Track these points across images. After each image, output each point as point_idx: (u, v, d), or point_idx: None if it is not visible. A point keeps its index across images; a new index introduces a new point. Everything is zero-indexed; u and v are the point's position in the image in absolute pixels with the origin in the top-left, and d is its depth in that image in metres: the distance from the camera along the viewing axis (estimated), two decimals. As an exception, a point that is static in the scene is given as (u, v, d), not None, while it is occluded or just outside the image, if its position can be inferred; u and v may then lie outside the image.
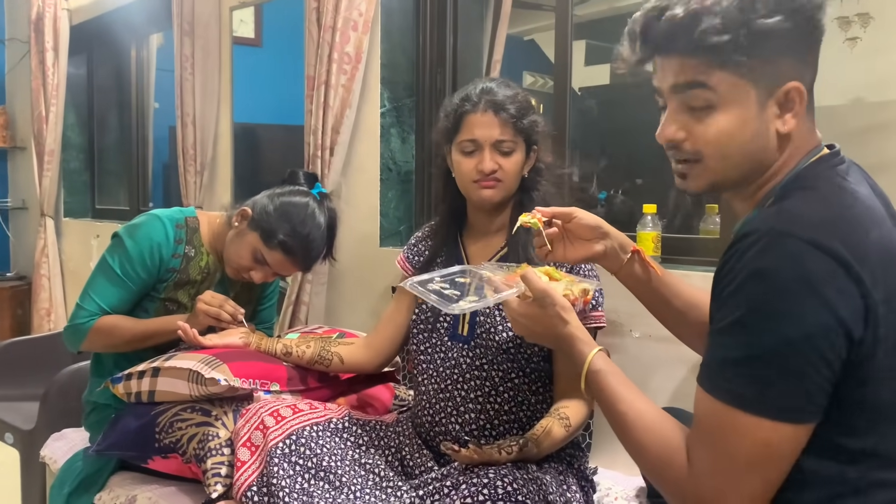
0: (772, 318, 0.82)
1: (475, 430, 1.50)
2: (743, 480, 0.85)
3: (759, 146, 0.94)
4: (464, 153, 1.53)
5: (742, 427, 0.84)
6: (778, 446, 0.84)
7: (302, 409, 1.55)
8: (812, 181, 0.92)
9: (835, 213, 0.87)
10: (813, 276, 0.81)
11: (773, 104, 0.93)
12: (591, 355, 1.05)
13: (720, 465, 0.86)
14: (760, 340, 0.83)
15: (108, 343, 1.82)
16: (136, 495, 1.67)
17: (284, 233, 1.75)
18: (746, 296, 0.84)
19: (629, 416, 0.97)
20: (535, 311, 1.11)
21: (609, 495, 1.65)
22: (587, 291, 1.18)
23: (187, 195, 3.21)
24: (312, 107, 2.47)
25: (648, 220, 1.83)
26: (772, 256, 0.83)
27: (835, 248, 0.82)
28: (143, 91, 4.12)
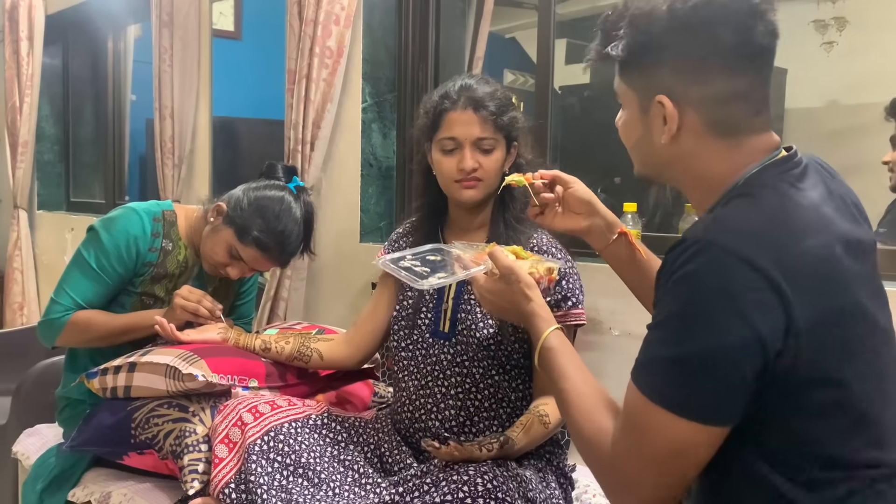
0: (692, 324, 0.85)
1: (455, 426, 1.50)
2: (655, 471, 0.89)
3: (647, 152, 1.02)
4: (444, 151, 1.51)
5: (658, 422, 0.87)
6: (689, 444, 0.87)
7: (280, 405, 1.54)
8: (755, 188, 0.92)
9: (767, 222, 0.88)
10: (733, 287, 0.83)
11: (656, 115, 0.97)
12: (546, 332, 1.09)
13: (636, 454, 0.90)
14: (680, 344, 0.86)
15: (84, 338, 1.79)
16: (111, 492, 1.65)
17: (258, 228, 1.72)
18: (673, 300, 0.87)
19: (570, 395, 1.02)
20: (501, 287, 1.16)
21: (587, 492, 1.66)
22: (552, 270, 1.22)
23: (165, 188, 3.17)
24: (293, 101, 2.45)
25: (629, 218, 1.84)
26: (697, 265, 0.85)
27: (758, 260, 0.83)
28: (119, 83, 4.07)
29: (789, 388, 0.86)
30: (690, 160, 0.98)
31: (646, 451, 0.89)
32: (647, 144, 1.00)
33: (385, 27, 2.50)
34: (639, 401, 0.89)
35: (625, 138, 1.05)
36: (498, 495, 1.20)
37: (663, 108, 0.95)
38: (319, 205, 2.53)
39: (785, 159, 0.95)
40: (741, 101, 0.95)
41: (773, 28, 0.94)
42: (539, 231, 1.57)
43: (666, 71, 0.95)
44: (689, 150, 0.97)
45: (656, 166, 1.03)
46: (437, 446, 1.32)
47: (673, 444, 0.87)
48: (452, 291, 1.56)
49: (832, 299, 0.87)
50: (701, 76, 0.94)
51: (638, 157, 1.05)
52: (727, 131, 0.95)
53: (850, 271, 0.89)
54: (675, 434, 0.86)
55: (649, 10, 0.95)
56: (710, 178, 0.97)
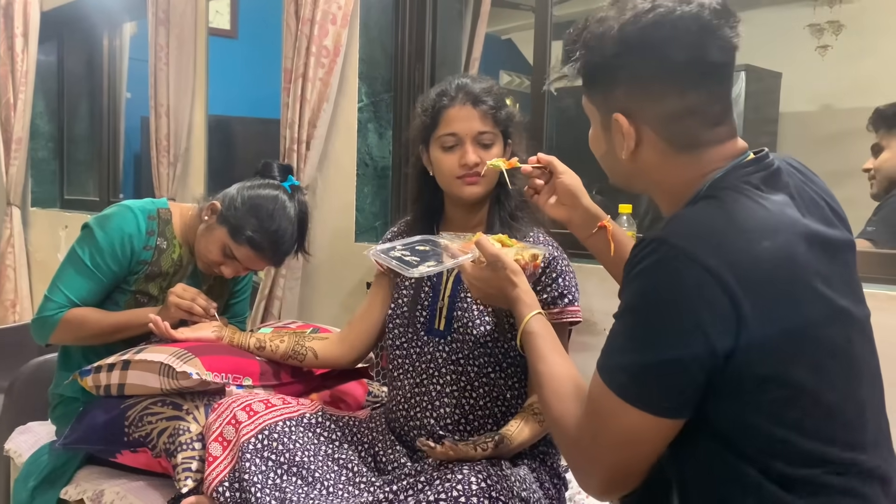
0: (644, 322, 0.89)
1: (450, 424, 1.50)
2: (612, 455, 0.93)
3: (612, 165, 1.06)
4: (444, 148, 1.52)
5: (615, 410, 0.90)
6: (642, 433, 0.90)
7: (275, 404, 1.54)
8: (718, 191, 0.94)
9: (723, 224, 0.90)
10: (683, 287, 0.85)
11: (616, 131, 1.00)
12: (528, 317, 1.15)
13: (595, 438, 0.94)
14: (634, 340, 0.90)
15: (77, 336, 1.79)
16: (104, 489, 1.65)
17: (252, 228, 1.71)
18: (629, 295, 0.91)
19: (545, 377, 1.07)
20: (488, 274, 1.22)
21: (581, 493, 1.66)
22: (536, 256, 1.27)
23: (160, 186, 3.17)
24: (289, 100, 2.45)
25: (624, 219, 1.84)
26: (651, 263, 0.88)
27: (709, 261, 0.85)
28: (114, 80, 4.06)
29: (744, 386, 0.88)
30: (653, 173, 1.01)
31: (603, 436, 0.93)
32: (612, 158, 1.04)
33: (382, 27, 2.50)
34: (600, 388, 0.92)
35: (594, 151, 1.09)
36: (492, 494, 1.21)
37: (620, 125, 0.98)
38: (315, 204, 2.53)
39: (752, 162, 0.97)
40: (696, 117, 0.96)
41: (727, 44, 0.95)
42: (535, 229, 1.58)
43: (620, 90, 0.98)
44: (651, 163, 1.00)
45: (624, 177, 1.07)
46: (432, 446, 1.32)
47: (628, 432, 0.91)
48: (448, 289, 1.56)
49: (790, 300, 0.88)
50: (653, 95, 0.97)
51: (606, 169, 1.09)
52: (685, 146, 0.98)
53: (815, 271, 0.90)
54: (629, 423, 0.90)
55: (601, 33, 0.97)
56: (675, 187, 1.00)
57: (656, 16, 0.93)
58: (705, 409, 0.90)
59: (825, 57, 3.73)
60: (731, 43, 0.95)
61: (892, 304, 1.44)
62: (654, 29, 0.94)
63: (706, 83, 0.96)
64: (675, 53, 0.94)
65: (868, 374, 0.96)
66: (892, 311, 1.39)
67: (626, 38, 0.95)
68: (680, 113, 0.96)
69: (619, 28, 0.96)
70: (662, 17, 0.93)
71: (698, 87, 0.95)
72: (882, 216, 1.84)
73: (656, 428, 0.90)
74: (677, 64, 0.94)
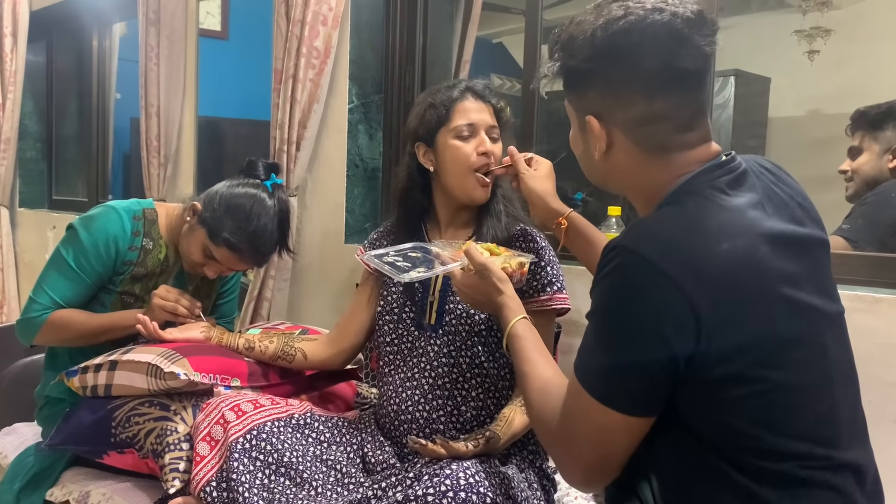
0: (607, 326, 0.93)
1: (443, 416, 1.51)
2: (587, 450, 0.97)
3: (588, 164, 1.09)
4: (461, 138, 1.53)
5: (586, 408, 0.94)
6: (613, 430, 0.94)
7: (263, 404, 1.53)
8: (682, 196, 0.96)
9: (682, 228, 0.92)
10: (644, 293, 0.88)
11: (590, 132, 1.03)
12: (513, 321, 1.19)
13: (571, 434, 0.98)
14: (600, 343, 0.94)
15: (63, 337, 1.78)
16: (90, 491, 1.64)
17: (229, 229, 1.69)
18: (598, 294, 0.94)
19: (529, 377, 1.11)
20: (476, 281, 1.26)
21: (569, 494, 1.66)
22: (523, 264, 1.33)
23: (150, 187, 3.16)
24: (279, 101, 2.45)
25: (613, 221, 1.85)
26: (613, 268, 0.91)
27: (666, 265, 0.87)
28: (104, 80, 4.05)
29: (709, 386, 0.90)
30: (626, 174, 1.04)
31: (579, 433, 0.97)
32: (588, 158, 1.07)
33: (372, 28, 2.50)
34: (575, 387, 0.96)
35: (574, 150, 1.12)
36: (480, 490, 1.21)
37: (592, 127, 1.01)
38: (304, 205, 2.52)
39: (719, 165, 0.98)
40: (664, 122, 0.98)
41: (698, 52, 0.96)
42: (521, 225, 1.61)
43: (592, 93, 1.02)
44: (623, 165, 1.03)
45: (600, 177, 1.10)
46: (423, 443, 1.32)
47: (601, 430, 0.94)
48: (439, 284, 1.57)
49: (752, 301, 0.89)
50: (623, 100, 0.99)
51: (584, 168, 1.12)
52: (654, 149, 1.00)
53: (778, 271, 0.91)
54: (602, 420, 0.93)
55: (576, 36, 1.00)
56: (647, 189, 1.02)
57: (627, 23, 0.95)
58: (675, 406, 0.92)
59: (814, 62, 3.76)
60: (702, 51, 0.96)
61: (877, 305, 1.46)
62: (625, 36, 0.95)
63: (674, 90, 0.97)
64: (643, 60, 0.96)
65: (841, 370, 0.97)
66: (876, 313, 1.40)
67: (598, 44, 0.98)
68: (648, 118, 0.98)
69: (591, 33, 0.98)
70: (633, 24, 0.95)
71: (666, 93, 0.97)
72: (861, 213, 1.85)
73: (627, 426, 0.93)
74: (646, 70, 0.96)
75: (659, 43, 0.95)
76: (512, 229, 1.58)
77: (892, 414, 1.01)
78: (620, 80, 0.98)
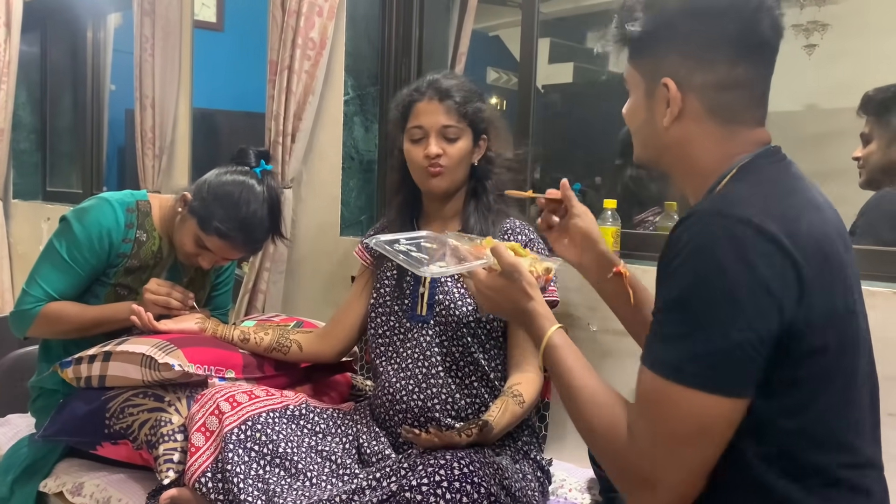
0: (709, 296, 0.85)
1: (437, 404, 1.51)
2: (680, 453, 0.87)
3: (651, 133, 1.04)
4: (412, 141, 1.59)
5: (680, 400, 0.86)
6: (713, 419, 0.86)
7: (258, 395, 1.53)
8: (750, 174, 0.95)
9: (775, 196, 0.91)
10: (750, 256, 0.84)
11: (660, 99, 1.00)
12: (550, 331, 1.07)
13: (658, 437, 0.88)
14: (698, 317, 0.86)
15: (56, 329, 1.77)
16: (84, 482, 1.64)
17: (219, 218, 1.68)
18: (686, 274, 0.87)
19: (580, 391, 1.00)
20: (502, 283, 1.12)
21: (563, 486, 1.67)
22: (549, 270, 1.21)
23: (145, 179, 3.14)
24: (274, 92, 2.43)
25: (609, 214, 1.85)
26: (711, 236, 0.86)
27: (771, 230, 0.85)
28: (98, 72, 4.02)
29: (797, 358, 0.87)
30: (688, 146, 1.00)
31: (667, 433, 0.87)
32: (650, 127, 1.03)
33: (369, 20, 2.49)
34: (656, 383, 0.88)
35: (630, 122, 1.08)
36: (474, 479, 1.21)
37: (667, 90, 0.98)
38: (300, 197, 2.51)
39: (774, 151, 0.99)
40: (742, 90, 0.98)
41: (778, 24, 0.97)
42: (511, 218, 1.62)
43: (673, 55, 0.98)
44: (688, 134, 1.00)
45: (656, 150, 1.05)
46: (416, 433, 1.32)
47: (696, 422, 0.86)
48: (429, 279, 1.59)
49: (834, 278, 0.89)
50: (705, 62, 0.97)
51: (640, 140, 1.07)
52: (726, 118, 0.98)
53: (844, 257, 0.91)
54: (697, 410, 0.85)
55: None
56: (703, 166, 1.00)
57: None
58: None
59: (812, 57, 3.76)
60: (779, 22, 0.97)
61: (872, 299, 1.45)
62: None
63: (755, 59, 0.97)
64: (731, 23, 0.95)
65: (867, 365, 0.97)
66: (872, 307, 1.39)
67: (687, 3, 0.97)
68: (728, 84, 0.97)
69: None
70: None
71: (748, 61, 0.97)
72: (862, 211, 1.84)
73: (733, 413, 0.87)
74: (731, 34, 0.96)
75: (748, 7, 0.95)
76: (500, 224, 1.60)
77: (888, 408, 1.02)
78: (706, 41, 0.97)
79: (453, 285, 1.56)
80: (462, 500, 1.20)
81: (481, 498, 1.22)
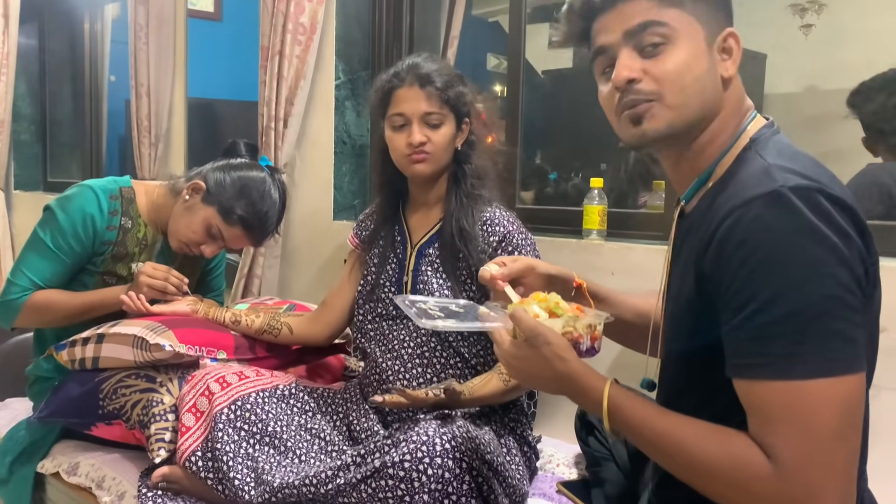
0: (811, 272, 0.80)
1: (423, 383, 1.53)
2: (834, 456, 0.79)
3: (710, 84, 0.96)
4: (394, 128, 1.57)
5: (817, 395, 0.79)
6: (856, 403, 0.81)
7: (248, 375, 1.55)
8: (772, 145, 0.94)
9: (819, 167, 0.89)
10: (837, 225, 0.81)
11: (717, 47, 0.97)
12: (605, 390, 0.93)
13: (809, 445, 0.79)
14: (807, 300, 0.80)
15: (44, 319, 1.78)
16: (79, 462, 1.67)
17: (243, 209, 1.73)
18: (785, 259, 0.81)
19: (672, 436, 0.88)
20: (527, 352, 0.98)
21: (551, 462, 1.69)
22: (593, 327, 1.01)
23: (142, 167, 3.17)
24: (266, 78, 2.44)
25: (595, 194, 1.86)
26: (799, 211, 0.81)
27: (844, 198, 0.83)
28: (96, 62, 4.04)
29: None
30: (729, 100, 0.98)
31: (816, 437, 0.79)
32: (712, 77, 0.96)
33: (359, 4, 2.50)
34: (785, 389, 0.80)
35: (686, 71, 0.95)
36: (456, 455, 1.23)
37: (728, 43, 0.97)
38: (293, 182, 2.53)
39: (769, 125, 0.99)
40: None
41: None
42: (493, 205, 1.60)
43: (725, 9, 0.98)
44: (733, 85, 0.98)
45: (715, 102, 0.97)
46: (382, 399, 1.35)
47: (841, 412, 0.79)
48: (412, 264, 1.60)
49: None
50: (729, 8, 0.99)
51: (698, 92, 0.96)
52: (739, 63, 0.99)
53: None
54: (838, 399, 0.79)
55: None
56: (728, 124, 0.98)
57: None
58: None
59: (809, 37, 3.75)
60: None
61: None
62: None
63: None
64: None
65: None
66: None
67: None
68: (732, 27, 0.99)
69: None
70: None
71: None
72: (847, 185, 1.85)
73: (860, 389, 0.81)
74: None
75: None
76: (481, 214, 1.58)
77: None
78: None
79: (433, 275, 1.57)
80: (444, 476, 1.22)
81: (463, 473, 1.24)
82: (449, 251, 1.55)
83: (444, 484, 1.22)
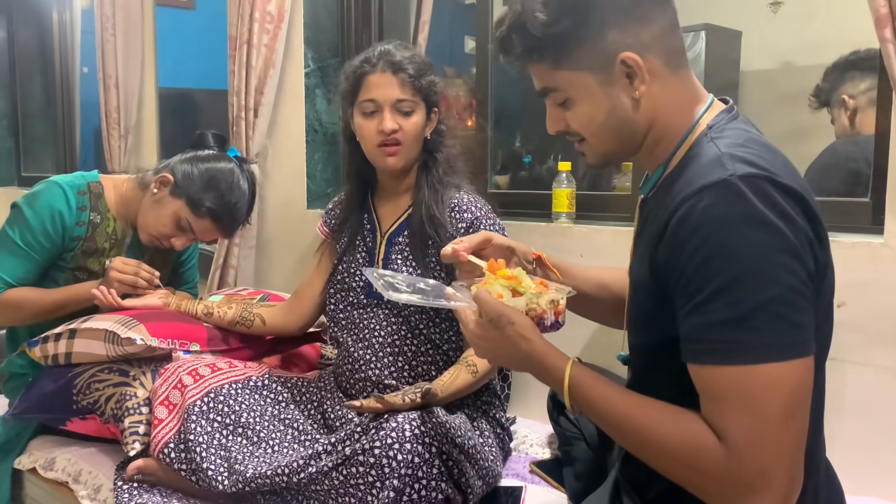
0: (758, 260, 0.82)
1: (394, 372, 1.54)
2: (784, 438, 0.81)
3: (622, 118, 0.99)
4: (364, 114, 1.54)
5: (766, 379, 0.81)
6: (804, 385, 0.82)
7: (221, 367, 1.56)
8: (728, 132, 0.94)
9: (773, 154, 0.91)
10: (784, 213, 0.83)
11: (615, 80, 0.97)
12: (567, 369, 0.95)
13: (759, 428, 0.81)
14: (754, 287, 0.81)
15: (18, 316, 1.77)
16: (56, 457, 1.67)
17: (212, 201, 1.73)
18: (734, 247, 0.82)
19: (631, 418, 0.90)
20: (492, 332, 1.00)
21: (525, 442, 1.71)
22: (556, 302, 1.03)
23: (112, 159, 3.14)
24: (235, 67, 2.43)
25: (563, 177, 1.87)
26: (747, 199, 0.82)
27: (794, 186, 0.85)
28: (67, 54, 3.98)
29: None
30: (658, 111, 0.98)
31: (769, 415, 0.81)
32: (619, 114, 0.98)
33: (326, -9, 2.48)
34: (735, 373, 0.82)
35: (587, 128, 1.01)
36: (425, 440, 1.25)
37: (629, 64, 0.95)
38: (266, 172, 2.52)
39: (728, 109, 1.00)
40: (677, 30, 0.99)
41: None
42: (461, 191, 1.61)
43: (612, 29, 0.95)
44: (656, 99, 0.98)
45: (631, 133, 1.00)
46: (357, 404, 1.36)
47: (791, 392, 0.81)
48: (382, 254, 1.60)
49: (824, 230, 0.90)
50: (643, 17, 0.96)
51: (608, 135, 1.00)
52: (678, 63, 0.99)
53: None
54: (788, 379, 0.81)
55: None
56: (673, 125, 0.99)
57: None
58: None
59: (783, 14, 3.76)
60: None
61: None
62: None
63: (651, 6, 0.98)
64: None
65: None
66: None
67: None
68: (667, 26, 0.98)
69: None
70: None
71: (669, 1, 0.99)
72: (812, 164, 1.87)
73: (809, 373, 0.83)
74: None
75: None
76: (450, 199, 1.58)
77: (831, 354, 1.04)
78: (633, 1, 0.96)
79: (402, 262, 1.57)
80: (413, 461, 1.24)
81: (433, 457, 1.26)
82: (419, 238, 1.56)
83: (414, 468, 1.24)
